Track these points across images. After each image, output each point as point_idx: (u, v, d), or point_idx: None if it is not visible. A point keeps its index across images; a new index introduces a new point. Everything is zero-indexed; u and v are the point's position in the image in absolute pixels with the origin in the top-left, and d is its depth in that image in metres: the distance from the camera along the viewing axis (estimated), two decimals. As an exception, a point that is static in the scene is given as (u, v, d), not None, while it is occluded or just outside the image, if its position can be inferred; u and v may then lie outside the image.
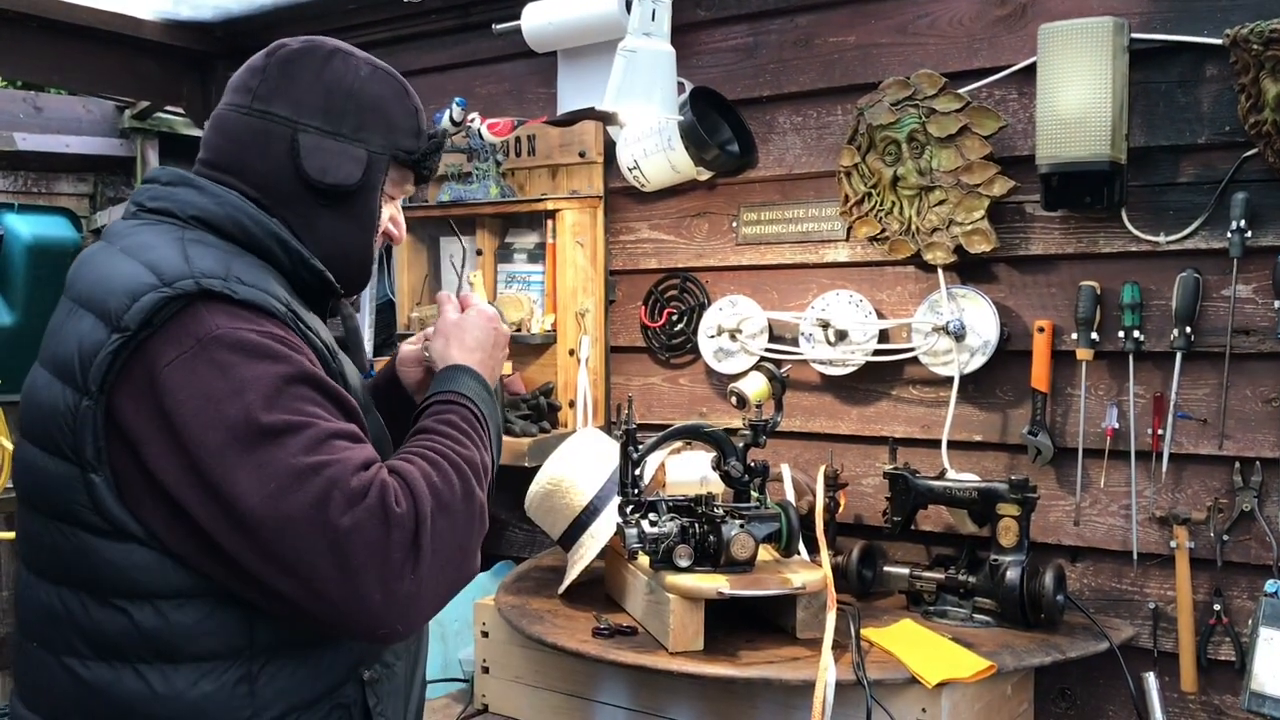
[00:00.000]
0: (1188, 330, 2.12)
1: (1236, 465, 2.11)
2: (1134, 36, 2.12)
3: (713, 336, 2.68)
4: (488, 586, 2.60)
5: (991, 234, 2.27)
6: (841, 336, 2.49)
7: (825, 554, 2.14)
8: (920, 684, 1.86)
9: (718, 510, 2.05)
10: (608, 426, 2.83)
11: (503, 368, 1.58)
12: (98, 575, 1.24)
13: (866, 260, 2.51)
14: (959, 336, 2.34)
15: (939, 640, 2.02)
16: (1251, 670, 1.95)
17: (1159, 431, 2.17)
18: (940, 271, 2.37)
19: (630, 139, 2.64)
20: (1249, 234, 2.05)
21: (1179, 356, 2.13)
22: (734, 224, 2.70)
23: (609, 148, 2.81)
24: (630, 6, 2.32)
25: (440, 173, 2.92)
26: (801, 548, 2.16)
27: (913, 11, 2.42)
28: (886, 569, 2.30)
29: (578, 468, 2.31)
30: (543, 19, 2.72)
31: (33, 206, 4.32)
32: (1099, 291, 2.22)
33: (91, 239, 4.39)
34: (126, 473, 1.22)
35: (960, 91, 2.28)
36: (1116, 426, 2.22)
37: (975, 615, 2.15)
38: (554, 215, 2.81)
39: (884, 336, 2.48)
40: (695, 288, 2.76)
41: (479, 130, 2.81)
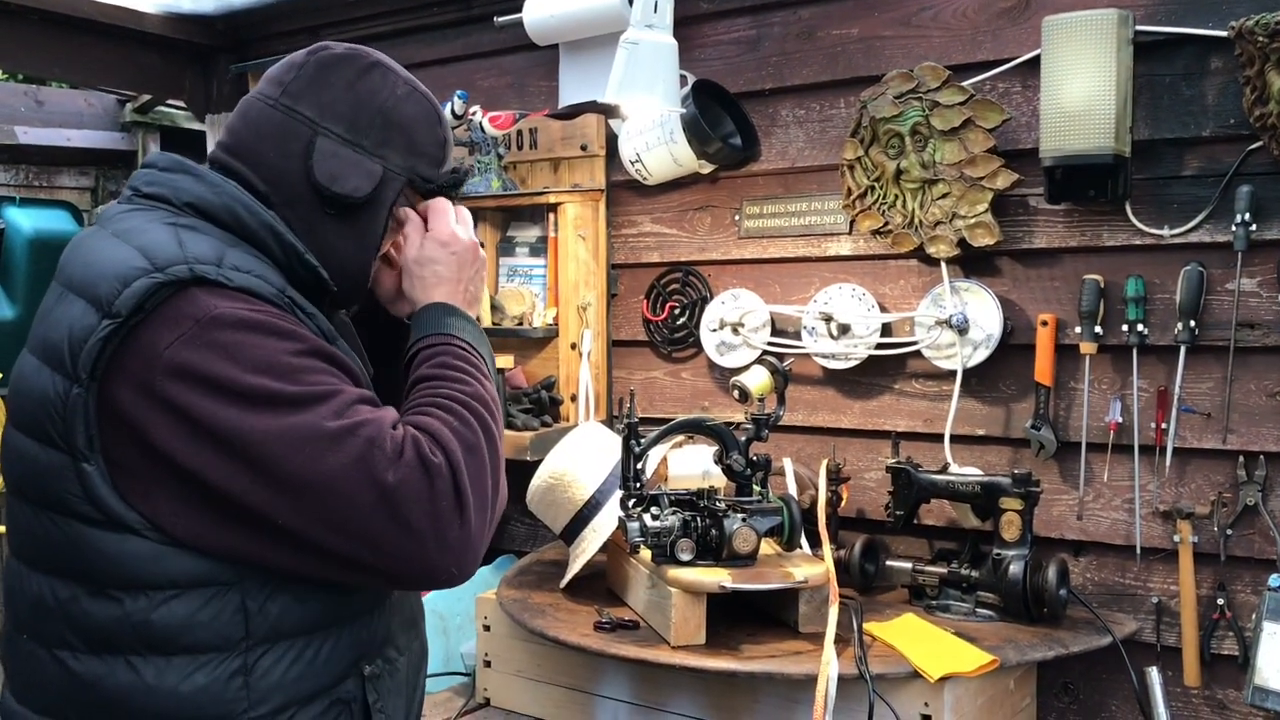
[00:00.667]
0: (1192, 324, 2.11)
1: (1240, 459, 2.10)
2: (1138, 29, 2.11)
3: (715, 330, 2.67)
4: (490, 580, 2.60)
5: (995, 227, 2.26)
6: (844, 330, 2.48)
7: (827, 548, 2.14)
8: (923, 678, 1.86)
9: (720, 504, 2.05)
10: (610, 420, 2.82)
11: (481, 280, 1.50)
12: (90, 566, 1.23)
13: (869, 254, 2.51)
14: (962, 330, 2.33)
15: (941, 634, 2.02)
16: (1255, 665, 1.95)
17: (1163, 425, 2.17)
18: (943, 265, 2.36)
19: (632, 132, 2.63)
20: (1253, 227, 2.04)
21: (1183, 350, 2.13)
22: (736, 217, 2.69)
23: (611, 141, 2.80)
24: (632, -1, 2.32)
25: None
26: (804, 542, 2.16)
27: (916, 4, 2.41)
28: (889, 563, 2.30)
29: (580, 462, 2.30)
30: (544, 11, 2.71)
31: (34, 200, 4.30)
32: (1103, 285, 2.21)
33: (93, 233, 4.38)
34: (127, 461, 1.20)
35: (964, 84, 2.27)
36: (1120, 420, 2.21)
37: (978, 609, 2.15)
38: (556, 209, 2.80)
39: (887, 330, 2.47)
40: (697, 281, 2.75)
41: (480, 123, 2.80)
